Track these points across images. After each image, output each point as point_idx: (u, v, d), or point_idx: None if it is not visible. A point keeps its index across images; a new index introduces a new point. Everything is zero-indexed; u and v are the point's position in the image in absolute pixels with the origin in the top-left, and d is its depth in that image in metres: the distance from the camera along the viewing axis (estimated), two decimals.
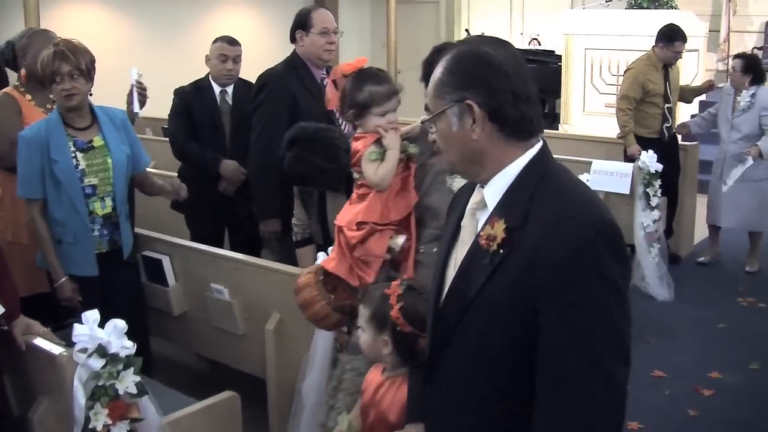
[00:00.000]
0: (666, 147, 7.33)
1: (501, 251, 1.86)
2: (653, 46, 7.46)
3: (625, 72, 7.81)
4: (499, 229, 1.87)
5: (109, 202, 4.15)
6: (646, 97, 7.31)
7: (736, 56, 7.60)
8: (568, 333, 1.78)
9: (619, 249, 1.84)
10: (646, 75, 7.33)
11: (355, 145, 3.18)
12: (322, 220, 4.03)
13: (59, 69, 3.95)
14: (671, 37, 7.31)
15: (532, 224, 1.84)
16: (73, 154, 4.04)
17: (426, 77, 3.03)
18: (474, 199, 2.05)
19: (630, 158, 7.10)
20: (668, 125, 7.38)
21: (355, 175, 3.21)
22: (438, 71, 1.98)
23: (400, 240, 3.13)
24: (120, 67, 4.97)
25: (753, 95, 7.11)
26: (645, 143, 7.14)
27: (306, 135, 3.84)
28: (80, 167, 4.05)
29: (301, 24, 4.80)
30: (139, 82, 4.84)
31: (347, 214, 3.20)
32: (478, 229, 1.97)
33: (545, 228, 1.82)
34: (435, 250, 2.96)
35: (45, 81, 4.06)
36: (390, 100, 3.18)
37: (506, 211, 1.90)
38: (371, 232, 3.12)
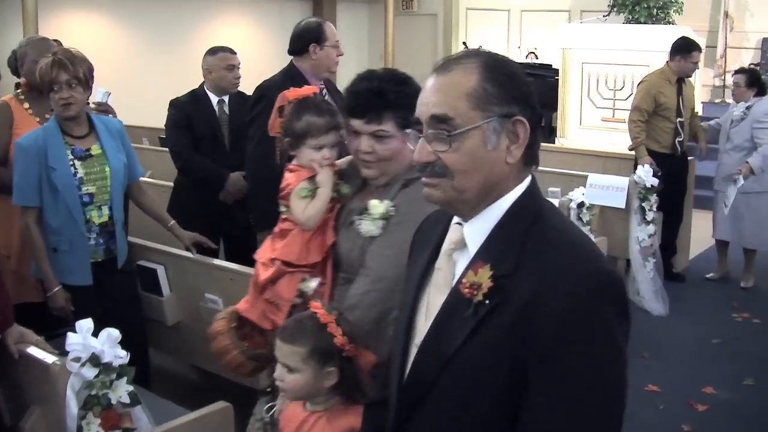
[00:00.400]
0: (677, 163, 7.34)
1: (487, 302, 1.63)
2: (667, 61, 7.47)
3: (638, 85, 7.79)
4: (484, 276, 1.64)
5: (106, 210, 4.14)
6: (659, 110, 7.27)
7: (738, 71, 7.59)
8: (565, 402, 1.56)
9: (624, 304, 1.64)
10: (659, 88, 7.30)
11: (287, 177, 3.01)
12: None
13: (57, 78, 3.95)
14: (688, 48, 7.32)
15: (525, 272, 1.62)
16: (71, 162, 4.04)
17: (353, 110, 2.75)
18: (451, 238, 1.80)
19: None
20: (680, 140, 7.34)
21: (282, 209, 3.03)
22: (471, 79, 1.69)
23: (313, 283, 2.90)
24: (118, 75, 4.98)
25: (748, 107, 7.15)
26: (657, 158, 7.15)
27: None
28: (78, 175, 4.05)
29: (316, 37, 4.80)
30: (99, 104, 4.79)
31: (266, 251, 3.01)
32: (457, 274, 1.74)
33: (542, 278, 1.59)
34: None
35: (43, 90, 4.06)
36: (327, 133, 2.95)
37: (492, 255, 1.67)
38: (281, 273, 2.92)
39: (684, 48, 7.33)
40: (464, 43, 16.02)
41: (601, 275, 1.62)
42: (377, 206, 2.72)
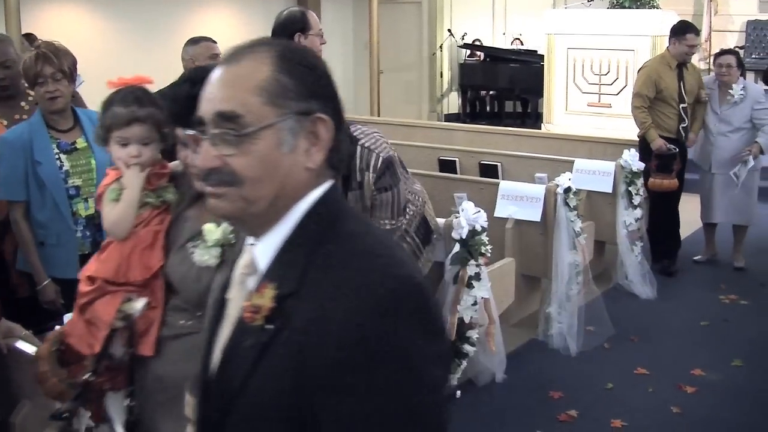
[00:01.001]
0: (683, 148, 7.25)
1: (268, 326, 1.38)
2: (667, 46, 7.39)
3: (638, 71, 7.72)
4: (268, 296, 1.39)
5: (92, 203, 4.12)
6: (659, 95, 7.15)
7: (725, 52, 7.51)
8: None
9: (430, 318, 1.37)
10: (659, 73, 7.17)
11: (103, 181, 2.74)
12: None
13: (42, 71, 3.93)
14: (683, 30, 7.18)
15: (310, 290, 1.37)
16: (56, 156, 4.03)
17: (176, 119, 2.43)
18: (243, 261, 1.54)
19: (657, 154, 7.00)
20: (685, 125, 7.21)
21: None
22: (263, 71, 1.44)
23: (139, 304, 2.55)
24: (102, 68, 4.94)
25: (744, 88, 7.15)
26: None
27: None
28: (64, 168, 4.04)
29: (301, 27, 4.80)
30: None
31: (90, 266, 2.71)
32: None
33: (324, 297, 1.34)
34: (181, 322, 2.57)
35: (28, 83, 4.04)
36: (129, 125, 2.63)
37: (279, 273, 1.42)
38: (102, 291, 2.60)
39: (679, 30, 7.21)
40: (449, 30, 16.01)
41: (393, 285, 1.35)
42: (212, 232, 2.44)
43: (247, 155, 1.41)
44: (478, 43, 15.99)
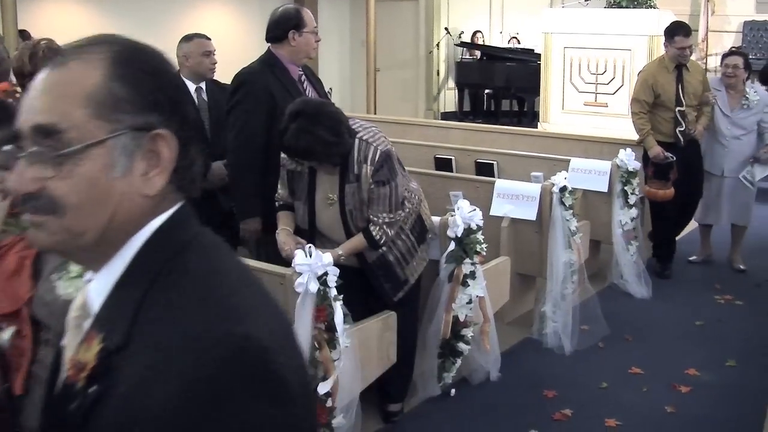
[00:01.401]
0: (683, 152, 7.01)
1: (92, 389, 1.13)
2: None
3: (638, 74, 7.63)
4: (93, 351, 1.15)
5: None
6: (658, 100, 7.00)
7: (732, 53, 7.47)
8: None
9: (270, 386, 1.11)
10: (656, 77, 7.01)
11: None
12: (310, 203, 4.09)
13: None
14: (672, 32, 6.99)
15: (136, 347, 1.12)
16: None
17: None
18: (77, 301, 1.30)
19: (653, 161, 6.90)
20: (682, 129, 6.99)
21: None
22: (93, 76, 1.20)
23: (6, 334, 2.34)
24: None
25: (755, 92, 7.16)
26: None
27: (311, 108, 3.86)
28: None
29: (295, 24, 4.82)
30: None
31: None
32: None
33: (149, 358, 1.09)
34: None
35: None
36: None
37: (108, 322, 1.18)
38: None
39: (668, 33, 7.05)
40: (446, 28, 16.01)
41: (228, 347, 1.10)
42: None
43: (69, 179, 1.17)
44: (480, 35, 16.01)
